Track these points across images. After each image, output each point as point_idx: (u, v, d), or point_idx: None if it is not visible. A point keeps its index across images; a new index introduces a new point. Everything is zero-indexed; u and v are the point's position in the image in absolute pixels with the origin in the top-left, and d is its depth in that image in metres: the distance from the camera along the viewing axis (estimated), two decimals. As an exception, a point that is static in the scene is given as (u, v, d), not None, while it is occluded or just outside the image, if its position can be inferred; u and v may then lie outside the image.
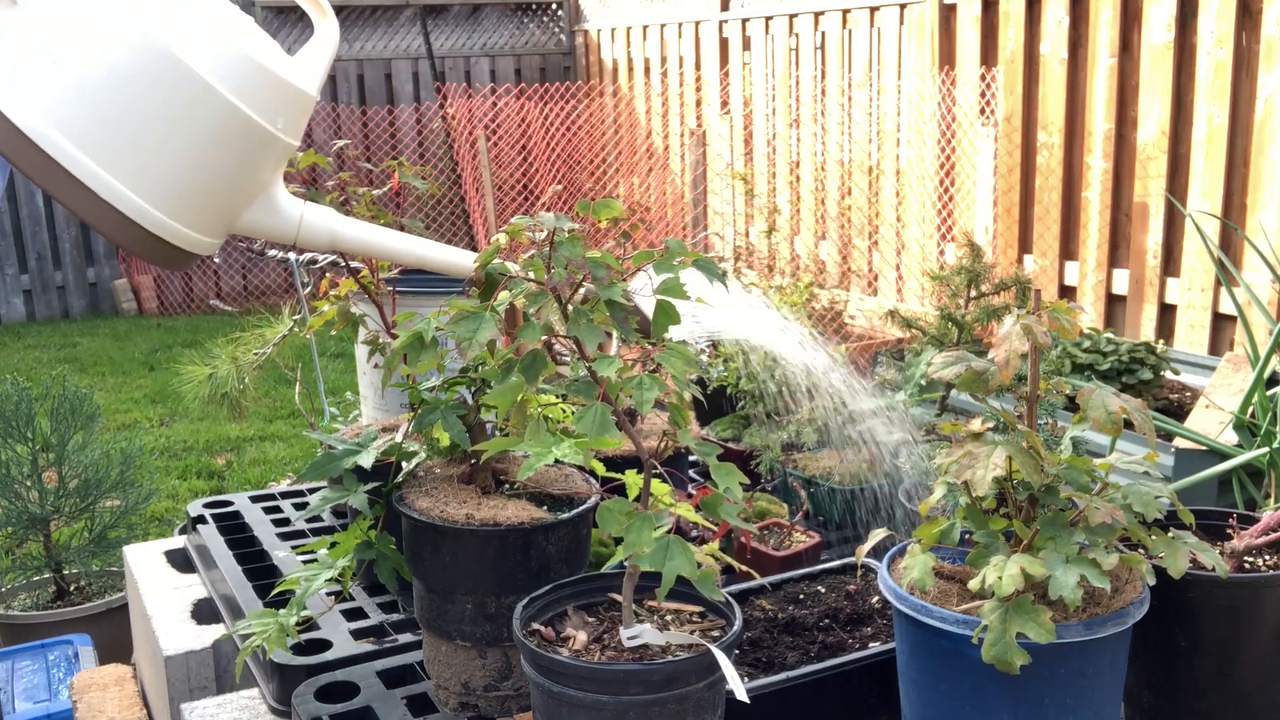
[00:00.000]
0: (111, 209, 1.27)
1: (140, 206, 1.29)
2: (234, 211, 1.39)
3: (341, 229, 1.50)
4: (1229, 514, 1.57)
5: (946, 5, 5.97)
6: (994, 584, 1.22)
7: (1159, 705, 1.48)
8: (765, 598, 1.73)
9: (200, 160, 1.31)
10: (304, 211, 1.45)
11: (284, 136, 1.36)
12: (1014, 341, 1.30)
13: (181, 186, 1.31)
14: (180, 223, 1.33)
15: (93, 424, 3.50)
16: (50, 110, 1.24)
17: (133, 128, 1.27)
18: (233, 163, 1.34)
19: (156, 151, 1.28)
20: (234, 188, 1.37)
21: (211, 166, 1.33)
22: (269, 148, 1.35)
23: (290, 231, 1.45)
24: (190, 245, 1.36)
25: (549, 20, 9.82)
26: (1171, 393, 2.56)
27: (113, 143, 1.26)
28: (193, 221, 1.34)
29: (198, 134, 1.29)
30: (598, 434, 1.25)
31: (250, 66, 1.30)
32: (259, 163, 1.36)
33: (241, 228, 1.43)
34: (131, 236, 1.31)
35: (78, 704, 2.26)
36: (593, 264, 1.32)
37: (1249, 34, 4.64)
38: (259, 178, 1.39)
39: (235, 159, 1.34)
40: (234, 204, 1.39)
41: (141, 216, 1.29)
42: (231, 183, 1.36)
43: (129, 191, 1.27)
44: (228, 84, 1.28)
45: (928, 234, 6.15)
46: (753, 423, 2.46)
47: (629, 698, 1.22)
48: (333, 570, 1.53)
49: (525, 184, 8.50)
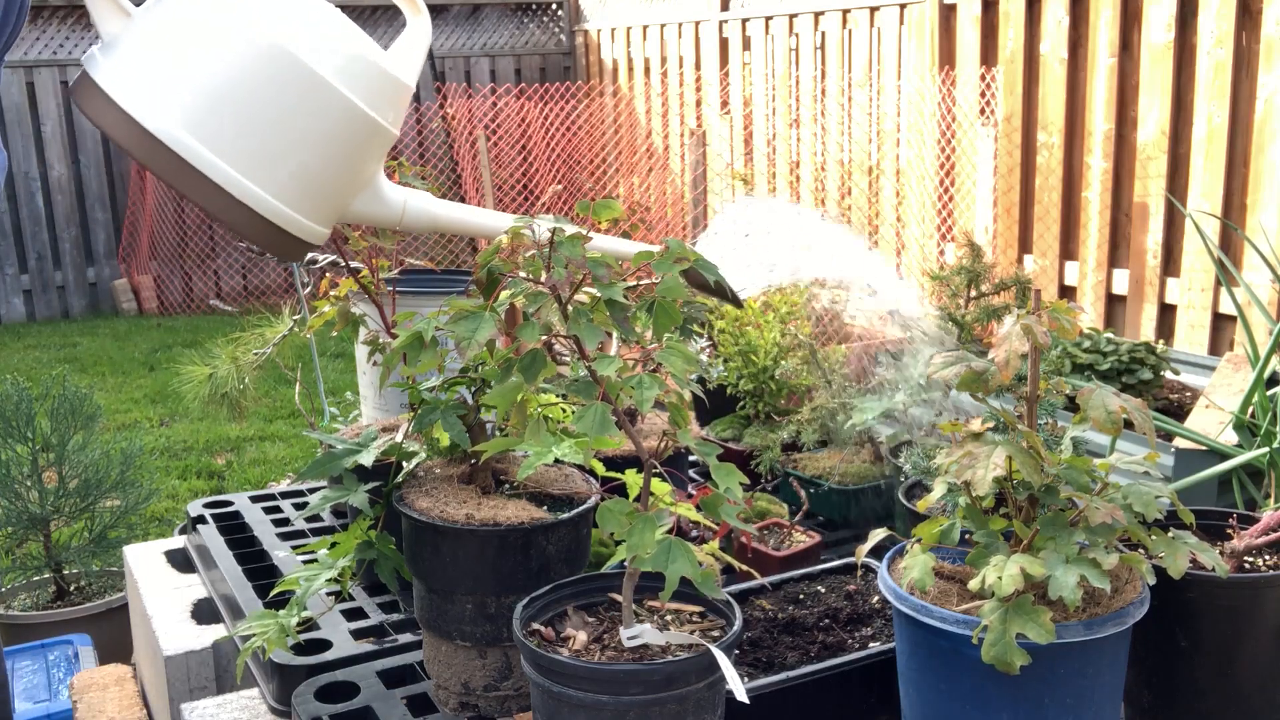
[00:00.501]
0: (243, 206, 1.32)
1: (270, 203, 1.33)
2: (346, 201, 1.45)
3: (439, 210, 1.54)
4: (1229, 514, 1.57)
5: (946, 5, 5.97)
6: (994, 584, 1.22)
7: (1159, 705, 1.48)
8: (765, 598, 1.73)
9: (321, 155, 1.36)
10: (407, 198, 1.51)
11: (391, 128, 1.42)
12: (1014, 341, 1.30)
13: (305, 181, 1.36)
14: (304, 215, 1.38)
15: (93, 424, 3.50)
16: (181, 115, 1.28)
17: (260, 127, 1.31)
18: (349, 156, 1.40)
19: (283, 149, 1.33)
20: (349, 179, 1.42)
21: (331, 160, 1.38)
22: (379, 139, 1.41)
23: (395, 217, 1.50)
24: (309, 236, 1.41)
25: (549, 20, 9.82)
26: (1171, 393, 2.56)
27: (242, 143, 1.31)
28: (313, 213, 1.39)
29: (319, 130, 1.34)
30: (598, 434, 1.25)
31: (362, 64, 1.36)
32: (370, 154, 1.42)
33: (352, 216, 1.49)
34: (259, 231, 1.35)
35: (78, 704, 2.26)
36: (593, 264, 1.32)
37: (1249, 34, 4.64)
38: (369, 169, 1.45)
39: (351, 152, 1.39)
40: (347, 194, 1.44)
41: (271, 212, 1.34)
42: (347, 174, 1.42)
43: (259, 189, 1.32)
44: (344, 81, 1.33)
45: (928, 234, 6.15)
46: (753, 422, 2.46)
47: (629, 698, 1.22)
48: (333, 570, 1.53)
49: (525, 184, 8.50)
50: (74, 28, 8.55)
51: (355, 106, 1.35)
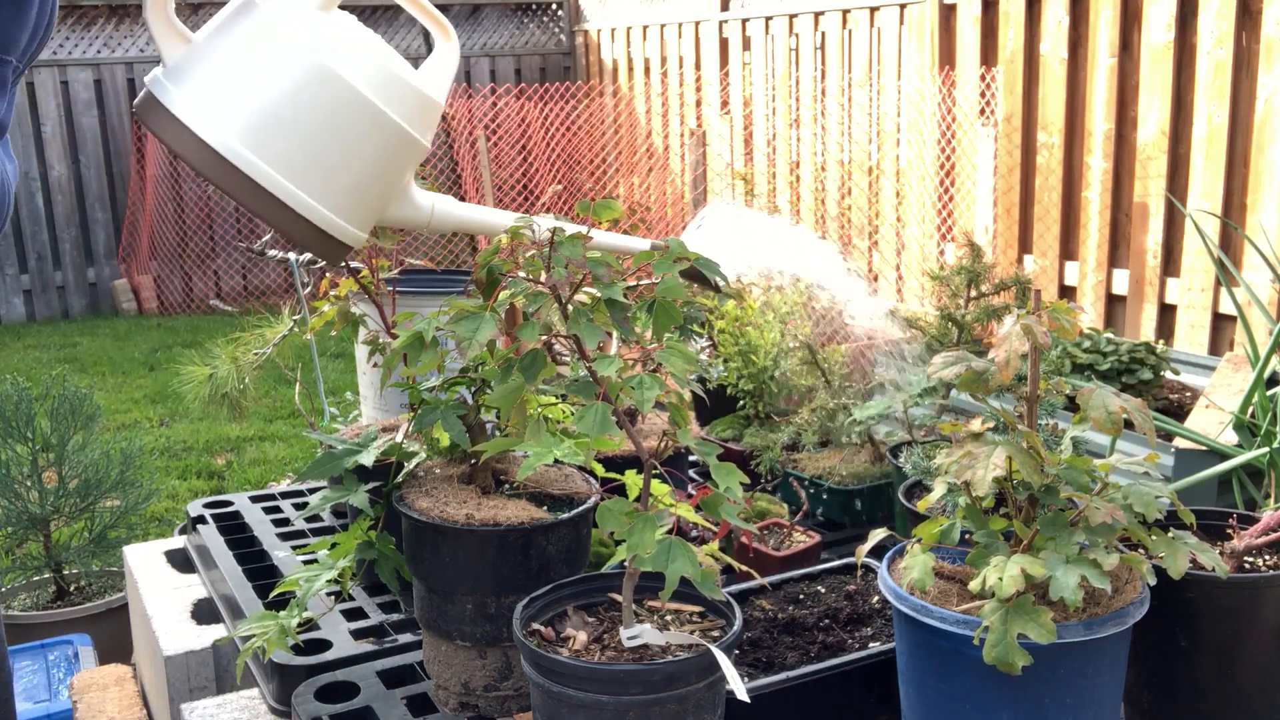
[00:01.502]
0: (297, 216, 1.44)
1: (321, 212, 1.45)
2: (385, 207, 1.57)
3: (461, 213, 1.65)
4: (1229, 514, 1.57)
5: (946, 5, 5.97)
6: (994, 585, 1.22)
7: (1159, 705, 1.48)
8: (765, 598, 1.73)
9: (366, 167, 1.49)
10: (434, 202, 1.62)
11: (425, 142, 1.54)
12: (1014, 342, 1.30)
13: (351, 191, 1.49)
14: (350, 222, 1.50)
15: (93, 424, 3.50)
16: (242, 133, 1.40)
17: (313, 144, 1.44)
18: (389, 167, 1.52)
19: (333, 163, 1.45)
20: (388, 188, 1.55)
21: (374, 172, 1.50)
22: (415, 152, 1.53)
23: (425, 219, 1.62)
24: (353, 241, 1.53)
25: (549, 20, 9.82)
26: (1171, 393, 2.56)
27: (297, 158, 1.43)
28: (357, 220, 1.52)
29: (365, 146, 1.47)
30: (598, 434, 1.25)
31: (399, 83, 1.48)
32: (406, 166, 1.54)
33: (388, 220, 1.61)
34: (309, 237, 1.47)
35: (78, 704, 2.26)
36: (593, 264, 1.32)
37: (1249, 34, 4.64)
38: (405, 178, 1.57)
39: (391, 164, 1.52)
40: (387, 201, 1.56)
41: (323, 221, 1.46)
42: (387, 184, 1.54)
43: (312, 200, 1.44)
44: (386, 101, 1.46)
45: (928, 234, 6.15)
46: (753, 422, 2.46)
47: (629, 698, 1.22)
48: (333, 571, 1.53)
49: (525, 184, 8.50)
50: (74, 28, 8.55)
51: (395, 124, 1.47)
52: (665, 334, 1.32)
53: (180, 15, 1.48)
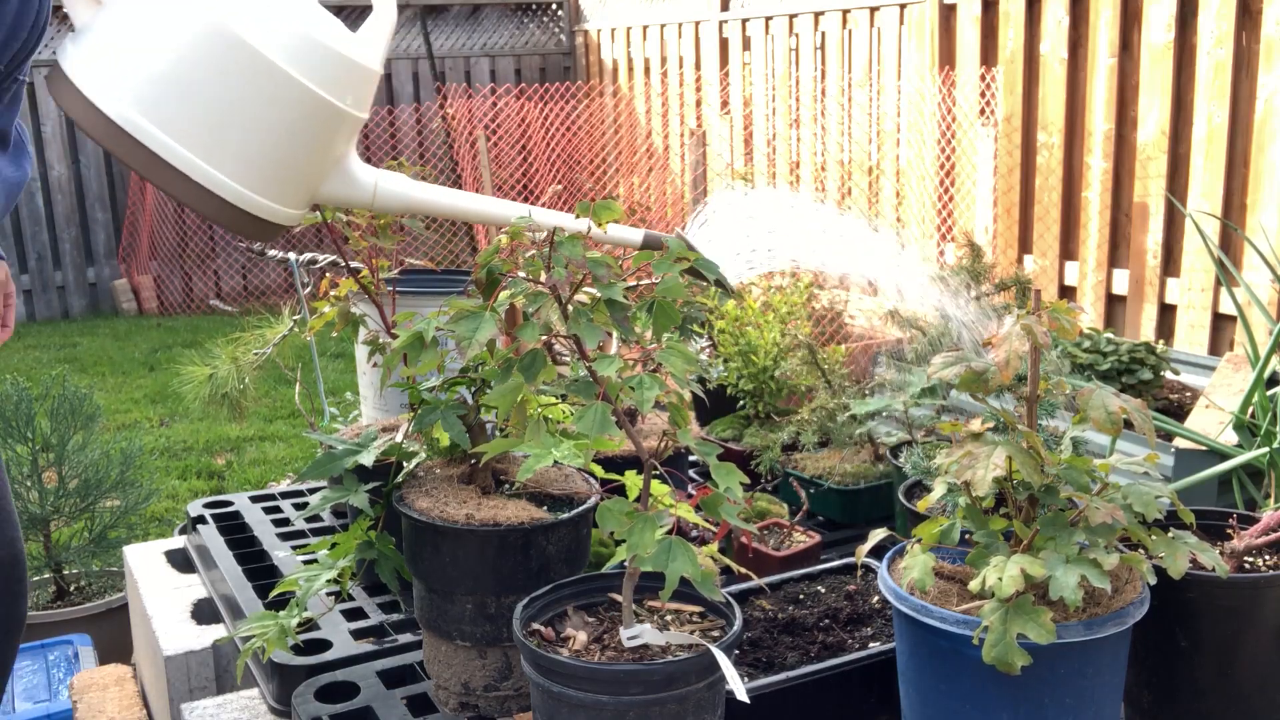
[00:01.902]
0: (204, 190, 1.35)
1: (230, 186, 1.36)
2: (314, 183, 1.47)
3: (414, 193, 1.56)
4: (1229, 514, 1.57)
5: (946, 5, 5.97)
6: (994, 585, 1.22)
7: (1159, 705, 1.48)
8: (765, 598, 1.73)
9: (277, 138, 1.38)
10: (378, 179, 1.52)
11: (353, 111, 1.43)
12: (1014, 342, 1.30)
13: (263, 164, 1.38)
14: (267, 198, 1.40)
15: (93, 424, 3.50)
16: (137, 99, 1.31)
17: (211, 111, 1.33)
18: (308, 138, 1.41)
19: (236, 132, 1.35)
20: (312, 161, 1.44)
21: (288, 143, 1.40)
22: (340, 122, 1.42)
23: (367, 198, 1.52)
24: (278, 218, 1.44)
25: (549, 20, 9.82)
26: (1171, 393, 2.56)
27: (196, 127, 1.33)
28: (278, 195, 1.42)
29: (272, 113, 1.36)
30: (598, 434, 1.25)
31: (315, 47, 1.37)
32: (332, 137, 1.43)
33: (323, 198, 1.51)
34: (225, 214, 1.38)
35: (78, 704, 2.26)
36: (593, 264, 1.32)
37: (1249, 34, 4.64)
38: (334, 151, 1.46)
39: (310, 135, 1.41)
40: (313, 176, 1.46)
41: (232, 195, 1.36)
42: (309, 157, 1.43)
43: (217, 172, 1.34)
44: (295, 65, 1.35)
45: (928, 234, 6.15)
46: (753, 422, 2.46)
47: (629, 698, 1.22)
48: (333, 571, 1.53)
49: (525, 184, 8.50)
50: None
51: (307, 89, 1.36)
52: (665, 334, 1.32)
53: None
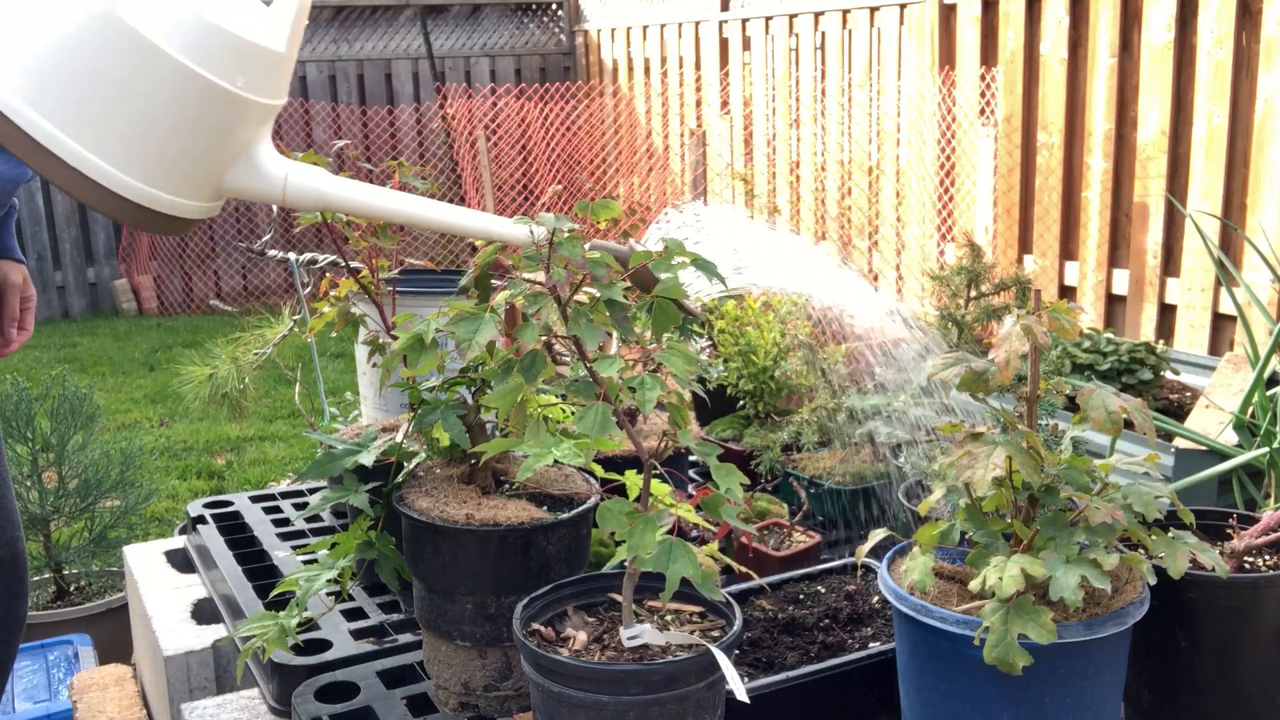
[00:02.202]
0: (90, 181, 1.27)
1: (115, 176, 1.28)
2: (215, 174, 1.38)
3: (330, 189, 1.46)
4: (1229, 514, 1.57)
5: (946, 5, 5.97)
6: (995, 585, 1.22)
7: (1159, 705, 1.48)
8: (765, 598, 1.73)
9: (163, 125, 1.30)
10: (289, 172, 1.42)
11: (249, 95, 1.33)
12: (1014, 342, 1.30)
13: (151, 153, 1.30)
14: (160, 189, 1.32)
15: (93, 424, 3.51)
16: (19, 86, 1.25)
17: (94, 97, 1.27)
18: (197, 124, 1.32)
19: (120, 119, 1.28)
20: (207, 150, 1.35)
21: (176, 130, 1.31)
22: (234, 107, 1.32)
23: (276, 192, 1.43)
24: (178, 211, 1.35)
25: (549, 20, 9.82)
26: (1171, 393, 2.56)
27: (79, 114, 1.26)
28: (173, 187, 1.33)
29: (155, 99, 1.28)
30: (598, 434, 1.25)
31: (201, 27, 1.28)
32: (228, 123, 1.34)
33: (228, 190, 1.42)
34: (118, 208, 1.31)
35: (78, 704, 2.26)
36: (592, 264, 1.32)
37: (1249, 34, 4.64)
38: (233, 138, 1.37)
39: (201, 122, 1.32)
40: (212, 166, 1.37)
41: (119, 186, 1.29)
42: (202, 145, 1.34)
43: (102, 162, 1.27)
44: (177, 46, 1.27)
45: (928, 234, 6.15)
46: (753, 422, 2.46)
47: (629, 698, 1.22)
48: (333, 571, 1.53)
49: (525, 184, 8.50)
50: None
51: (191, 71, 1.28)
52: (665, 334, 1.32)
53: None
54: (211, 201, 1.41)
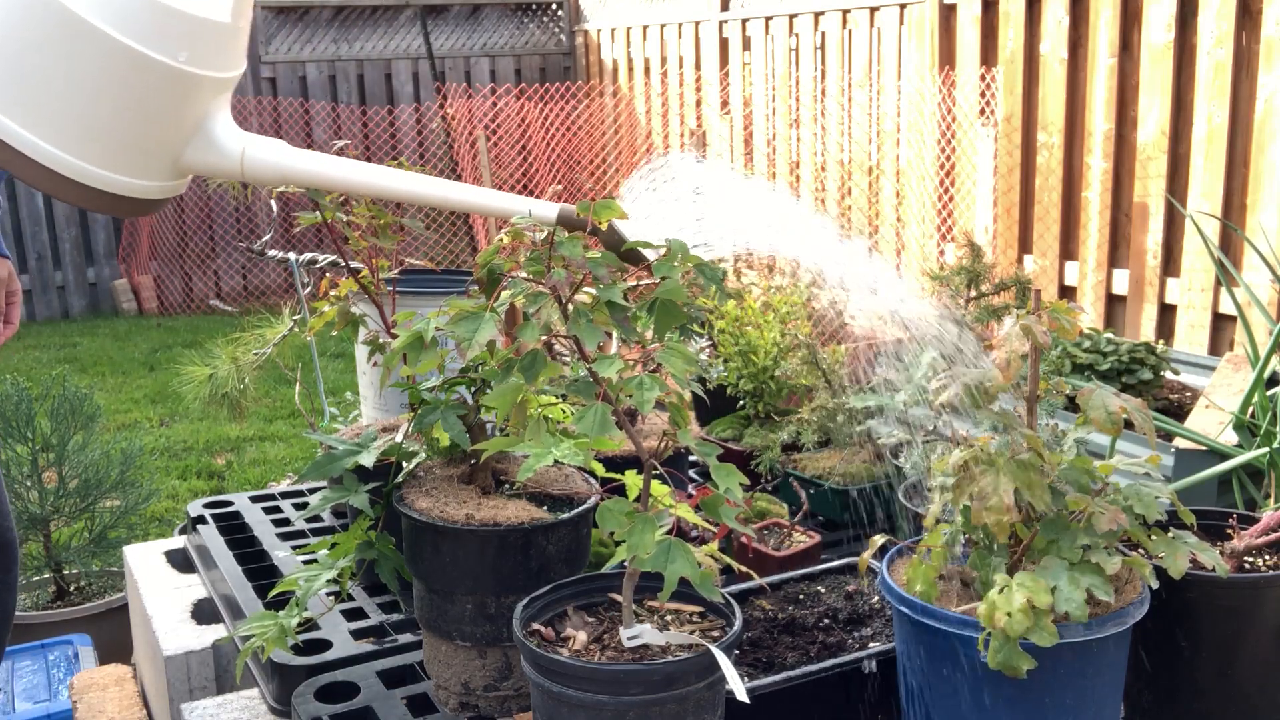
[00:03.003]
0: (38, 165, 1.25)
1: (61, 158, 1.26)
2: (170, 152, 1.35)
3: (290, 162, 1.42)
4: (1229, 514, 1.57)
5: (946, 5, 5.97)
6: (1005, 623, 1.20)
7: (1159, 705, 1.48)
8: (765, 598, 1.73)
9: (106, 104, 1.27)
10: (246, 146, 1.39)
11: (194, 69, 1.30)
12: (1014, 343, 1.30)
13: (97, 133, 1.28)
14: (111, 170, 1.29)
15: (93, 424, 3.51)
16: None
17: (32, 78, 1.24)
18: (142, 102, 1.29)
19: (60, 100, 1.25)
20: (156, 128, 1.32)
21: (120, 109, 1.28)
22: (180, 83, 1.29)
23: (234, 168, 1.39)
24: (134, 192, 1.33)
25: (549, 20, 9.82)
26: (1171, 393, 2.56)
27: (18, 96, 1.23)
28: (124, 168, 1.31)
29: (94, 77, 1.25)
30: (598, 434, 1.25)
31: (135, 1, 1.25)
32: (176, 99, 1.31)
33: (186, 168, 1.39)
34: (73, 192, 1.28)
35: (78, 704, 2.26)
36: (592, 264, 1.32)
37: (1249, 34, 4.64)
38: (184, 115, 1.33)
39: (143, 98, 1.29)
40: (165, 144, 1.34)
41: (66, 169, 1.26)
42: (150, 123, 1.31)
43: (47, 144, 1.25)
44: (111, 22, 1.23)
45: (928, 234, 6.15)
46: (753, 422, 2.46)
47: (629, 698, 1.22)
48: (333, 571, 1.53)
49: (525, 184, 8.49)
50: None
51: (130, 49, 1.24)
52: (665, 334, 1.32)
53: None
54: (171, 180, 1.37)
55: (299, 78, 9.01)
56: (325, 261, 3.04)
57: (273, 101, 8.76)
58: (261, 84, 8.87)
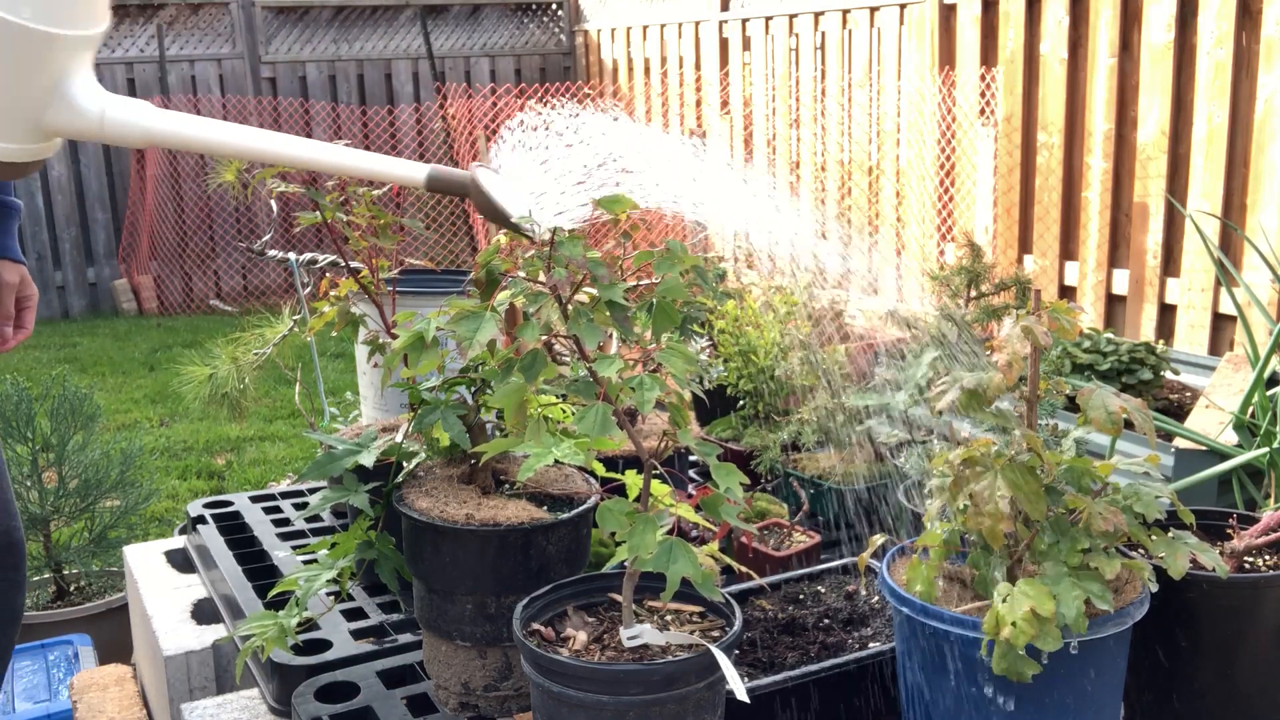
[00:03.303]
0: None
1: None
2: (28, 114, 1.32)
3: (155, 124, 1.38)
4: (1229, 514, 1.57)
5: (946, 5, 5.97)
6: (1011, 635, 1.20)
7: (1159, 705, 1.48)
8: (765, 598, 1.73)
9: None
10: (105, 107, 1.36)
11: (40, 26, 1.26)
12: (1015, 344, 1.30)
13: None
14: None
15: (93, 424, 3.50)
16: None
17: None
18: None
19: None
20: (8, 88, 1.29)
21: None
22: (24, 40, 1.25)
23: (94, 129, 1.36)
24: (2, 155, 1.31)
25: (549, 20, 9.82)
26: (1171, 393, 2.56)
27: None
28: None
29: None
30: (599, 434, 1.25)
31: None
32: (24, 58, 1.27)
33: (51, 129, 1.36)
34: None
35: (78, 704, 2.26)
36: (593, 264, 1.32)
37: (1249, 34, 4.64)
38: (36, 74, 1.30)
39: None
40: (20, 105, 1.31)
41: None
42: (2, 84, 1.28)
43: None
44: None
45: (928, 234, 6.15)
46: (753, 423, 2.46)
47: (629, 698, 1.22)
48: (332, 571, 1.53)
49: (525, 184, 8.48)
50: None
51: None
52: (665, 334, 1.32)
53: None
54: (34, 143, 1.34)
55: (299, 78, 9.01)
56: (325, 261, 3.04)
57: (273, 101, 8.77)
58: (261, 84, 8.88)
